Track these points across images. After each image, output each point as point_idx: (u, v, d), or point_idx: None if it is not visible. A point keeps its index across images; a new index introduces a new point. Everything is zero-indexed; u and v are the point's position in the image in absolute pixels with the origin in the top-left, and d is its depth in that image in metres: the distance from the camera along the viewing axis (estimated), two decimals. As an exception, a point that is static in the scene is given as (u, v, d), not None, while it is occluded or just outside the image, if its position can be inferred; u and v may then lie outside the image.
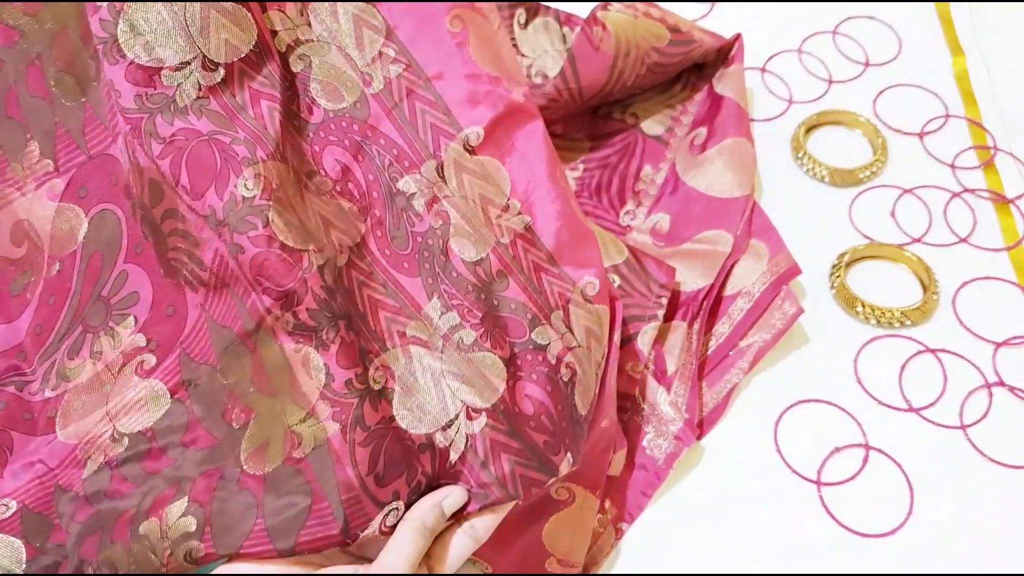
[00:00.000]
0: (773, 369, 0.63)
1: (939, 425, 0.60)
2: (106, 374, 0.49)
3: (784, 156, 0.74)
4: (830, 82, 0.79)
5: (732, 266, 0.65)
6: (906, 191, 0.71)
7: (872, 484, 0.58)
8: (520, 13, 0.76)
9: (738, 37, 0.74)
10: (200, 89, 0.48)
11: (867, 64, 0.79)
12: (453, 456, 0.48)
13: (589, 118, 0.74)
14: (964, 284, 0.66)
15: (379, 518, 0.45)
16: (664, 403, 0.60)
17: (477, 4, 0.56)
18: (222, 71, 0.49)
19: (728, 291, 0.65)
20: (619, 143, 0.73)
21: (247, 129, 0.48)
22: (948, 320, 0.65)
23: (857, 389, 0.62)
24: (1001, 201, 0.70)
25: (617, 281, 0.62)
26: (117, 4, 0.48)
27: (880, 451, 0.59)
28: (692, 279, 0.65)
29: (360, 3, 0.55)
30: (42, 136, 0.53)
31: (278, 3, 0.53)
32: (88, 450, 0.48)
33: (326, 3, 0.54)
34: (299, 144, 0.52)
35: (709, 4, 0.84)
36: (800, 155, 0.73)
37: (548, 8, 0.75)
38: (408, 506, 0.46)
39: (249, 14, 0.50)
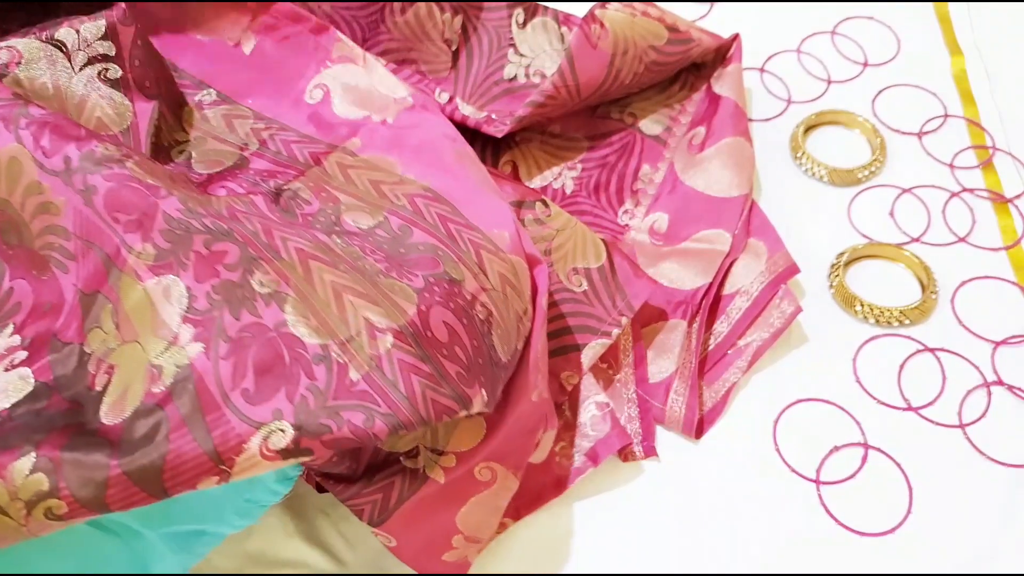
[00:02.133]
0: (772, 368, 0.63)
1: (938, 424, 0.60)
2: None
3: (783, 156, 0.74)
4: (829, 82, 0.79)
5: (731, 265, 0.65)
6: (905, 191, 0.71)
7: (871, 483, 0.58)
8: (518, 13, 0.76)
9: (736, 37, 0.74)
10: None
11: (866, 64, 0.80)
12: (354, 374, 0.44)
13: (587, 117, 0.74)
14: (963, 283, 0.66)
15: (257, 440, 0.42)
16: (588, 419, 0.59)
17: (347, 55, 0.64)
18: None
19: (727, 290, 0.65)
20: (617, 142, 0.73)
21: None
22: (947, 319, 0.65)
23: (856, 388, 0.62)
24: (1000, 201, 0.70)
25: (584, 285, 0.61)
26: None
27: (879, 450, 0.59)
28: (691, 278, 0.64)
29: (227, 105, 0.64)
30: None
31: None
32: None
33: (196, 111, 0.63)
34: (183, 172, 0.56)
35: (708, 4, 0.84)
36: (799, 155, 0.73)
37: (546, 8, 0.76)
38: (299, 428, 0.43)
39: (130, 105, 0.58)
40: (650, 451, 0.59)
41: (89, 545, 0.45)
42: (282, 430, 0.42)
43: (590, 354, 0.60)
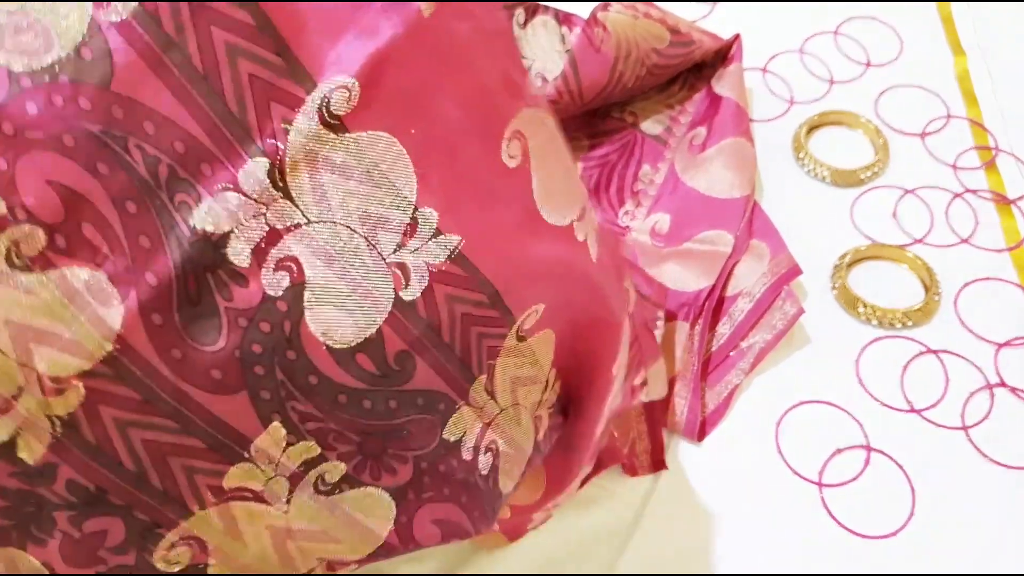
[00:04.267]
0: (774, 370, 0.63)
1: (941, 426, 0.60)
2: None
3: (785, 156, 0.74)
4: (831, 82, 0.78)
5: (733, 266, 0.65)
6: (908, 191, 0.71)
7: (874, 485, 0.58)
8: (519, 13, 0.76)
9: (737, 37, 0.73)
10: None
11: (868, 64, 0.79)
12: None
13: (587, 117, 0.74)
14: (966, 285, 0.66)
15: None
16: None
17: None
18: None
19: (729, 291, 0.65)
20: (618, 142, 0.73)
21: None
22: (950, 321, 0.64)
23: (859, 390, 0.62)
24: (1003, 202, 0.70)
25: None
26: None
27: (882, 452, 0.59)
28: (693, 279, 0.64)
29: None
30: None
31: None
32: None
33: None
34: None
35: (710, 4, 0.84)
36: (801, 155, 0.73)
37: (547, 7, 0.75)
38: None
39: None
40: (659, 464, 0.59)
41: None
42: None
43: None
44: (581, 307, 0.40)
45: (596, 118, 0.74)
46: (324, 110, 0.30)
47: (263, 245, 0.31)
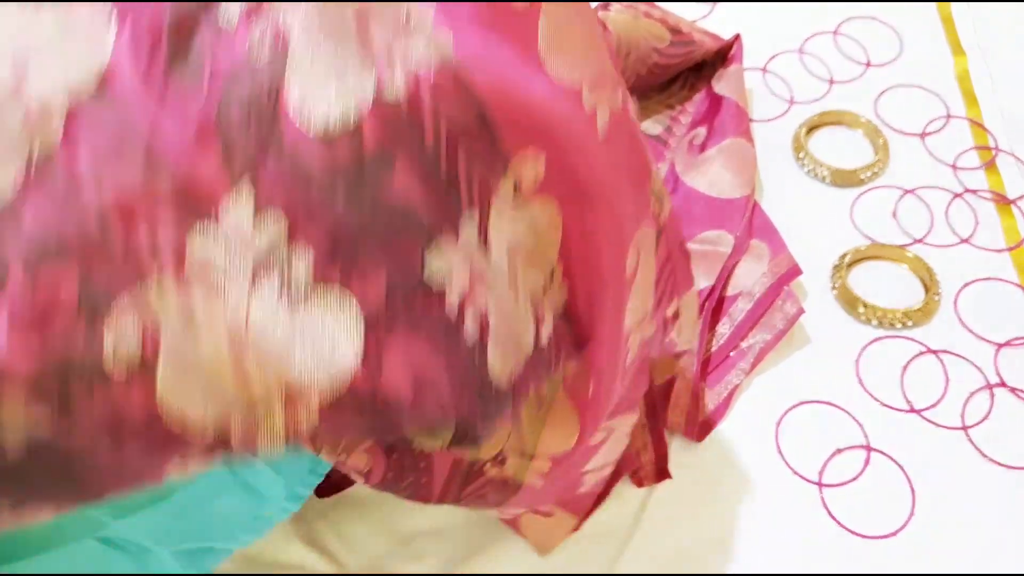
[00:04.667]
0: (774, 370, 0.63)
1: (941, 426, 0.60)
2: None
3: (785, 156, 0.74)
4: (831, 82, 0.78)
5: (733, 266, 0.65)
6: (907, 192, 0.71)
7: (874, 485, 0.58)
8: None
9: (737, 37, 0.73)
10: None
11: (868, 64, 0.79)
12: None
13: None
14: (966, 285, 0.66)
15: None
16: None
17: None
18: None
19: (729, 291, 0.65)
20: (619, 143, 0.73)
21: None
22: (950, 321, 0.64)
23: (859, 390, 0.62)
24: (1003, 202, 0.70)
25: None
26: None
27: (882, 452, 0.59)
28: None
29: None
30: None
31: None
32: None
33: None
34: None
35: (710, 4, 0.84)
36: (801, 155, 0.73)
37: (548, 8, 0.75)
38: None
39: None
40: (663, 474, 0.58)
41: (98, 562, 0.45)
42: None
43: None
44: (586, 186, 0.37)
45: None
46: None
47: (250, 9, 0.31)
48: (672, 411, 0.60)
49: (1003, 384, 0.61)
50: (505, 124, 0.33)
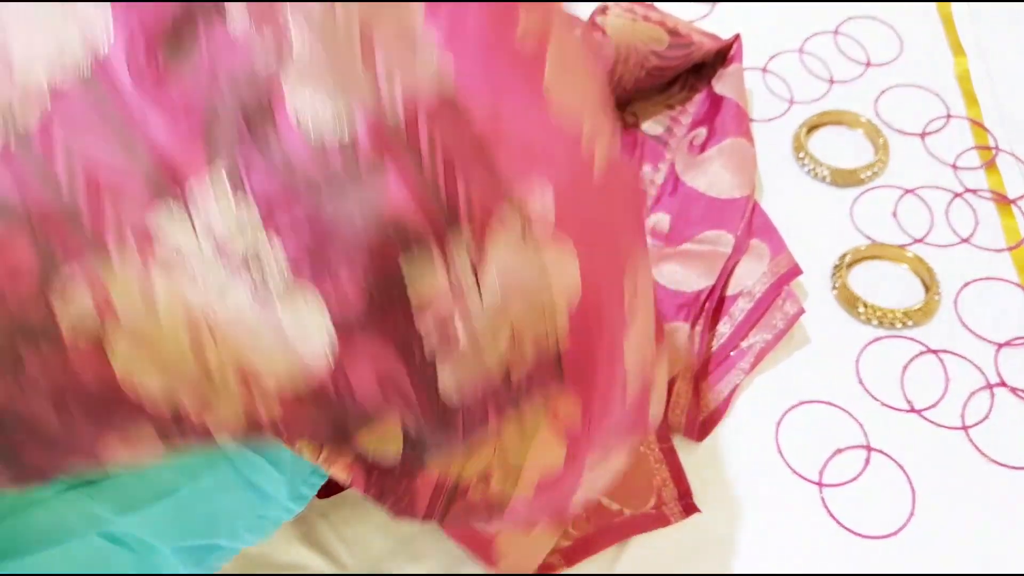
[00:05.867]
0: (774, 370, 0.63)
1: (941, 426, 0.60)
2: None
3: (785, 156, 0.74)
4: (831, 82, 0.78)
5: (733, 266, 0.65)
6: (908, 191, 0.71)
7: (874, 485, 0.58)
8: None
9: (737, 37, 0.73)
10: None
11: (868, 64, 0.79)
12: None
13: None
14: (966, 285, 0.66)
15: None
16: None
17: None
18: None
19: (729, 291, 0.65)
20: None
21: None
22: (950, 321, 0.64)
23: (859, 390, 0.62)
24: (1003, 201, 0.70)
25: None
26: None
27: (882, 452, 0.59)
28: (693, 279, 0.64)
29: None
30: None
31: None
32: None
33: None
34: None
35: (710, 4, 0.84)
36: (801, 155, 0.73)
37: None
38: None
39: None
40: (690, 508, 0.57)
41: (103, 559, 0.45)
42: None
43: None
44: (593, 226, 0.36)
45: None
46: None
47: (260, 13, 0.31)
48: (672, 411, 0.60)
49: (1003, 384, 0.61)
50: (504, 156, 0.33)
